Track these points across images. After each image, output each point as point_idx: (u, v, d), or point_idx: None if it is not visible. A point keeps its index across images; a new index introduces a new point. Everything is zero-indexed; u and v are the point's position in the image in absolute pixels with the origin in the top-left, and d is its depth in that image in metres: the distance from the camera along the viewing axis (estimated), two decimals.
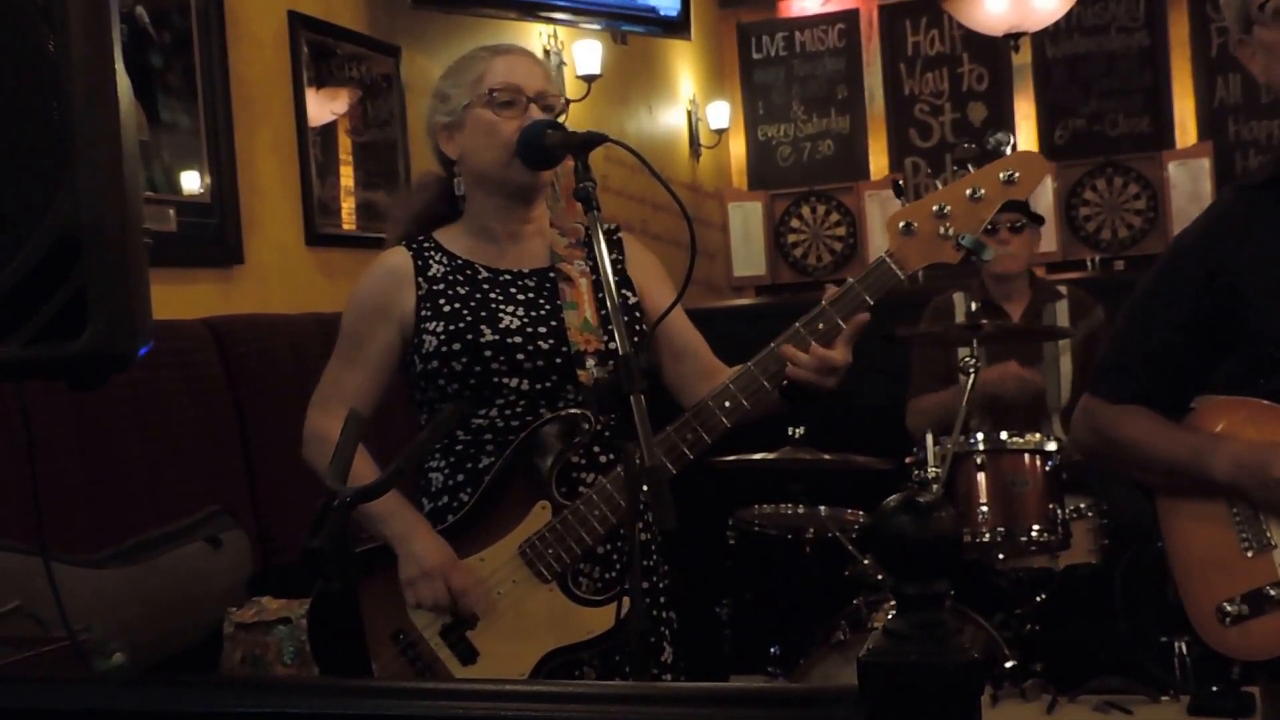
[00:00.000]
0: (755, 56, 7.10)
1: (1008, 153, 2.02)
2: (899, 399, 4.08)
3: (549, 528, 2.00)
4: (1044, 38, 6.46)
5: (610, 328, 1.99)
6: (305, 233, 3.83)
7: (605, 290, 1.76)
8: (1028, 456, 3.50)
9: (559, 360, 2.08)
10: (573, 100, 4.84)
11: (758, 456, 3.59)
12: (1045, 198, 6.35)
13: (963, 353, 3.58)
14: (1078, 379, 3.90)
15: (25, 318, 1.01)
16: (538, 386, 2.07)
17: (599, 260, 1.77)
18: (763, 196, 7.00)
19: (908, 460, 3.58)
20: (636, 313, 2.16)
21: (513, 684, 1.10)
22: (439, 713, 0.98)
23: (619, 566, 2.09)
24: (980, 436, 3.52)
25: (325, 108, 3.96)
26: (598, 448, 2.10)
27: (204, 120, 3.43)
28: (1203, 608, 1.93)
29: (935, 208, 1.94)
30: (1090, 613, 3.74)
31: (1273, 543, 1.89)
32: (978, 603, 3.51)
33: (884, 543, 0.93)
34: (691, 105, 6.53)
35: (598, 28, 5.24)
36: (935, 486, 3.31)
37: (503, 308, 2.10)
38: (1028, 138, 6.58)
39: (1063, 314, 3.98)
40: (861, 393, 3.74)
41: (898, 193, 2.11)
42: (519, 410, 2.08)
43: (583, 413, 2.03)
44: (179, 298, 3.24)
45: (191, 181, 3.40)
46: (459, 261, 2.15)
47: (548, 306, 2.11)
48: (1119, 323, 2.09)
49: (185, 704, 1.05)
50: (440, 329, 2.08)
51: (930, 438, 3.41)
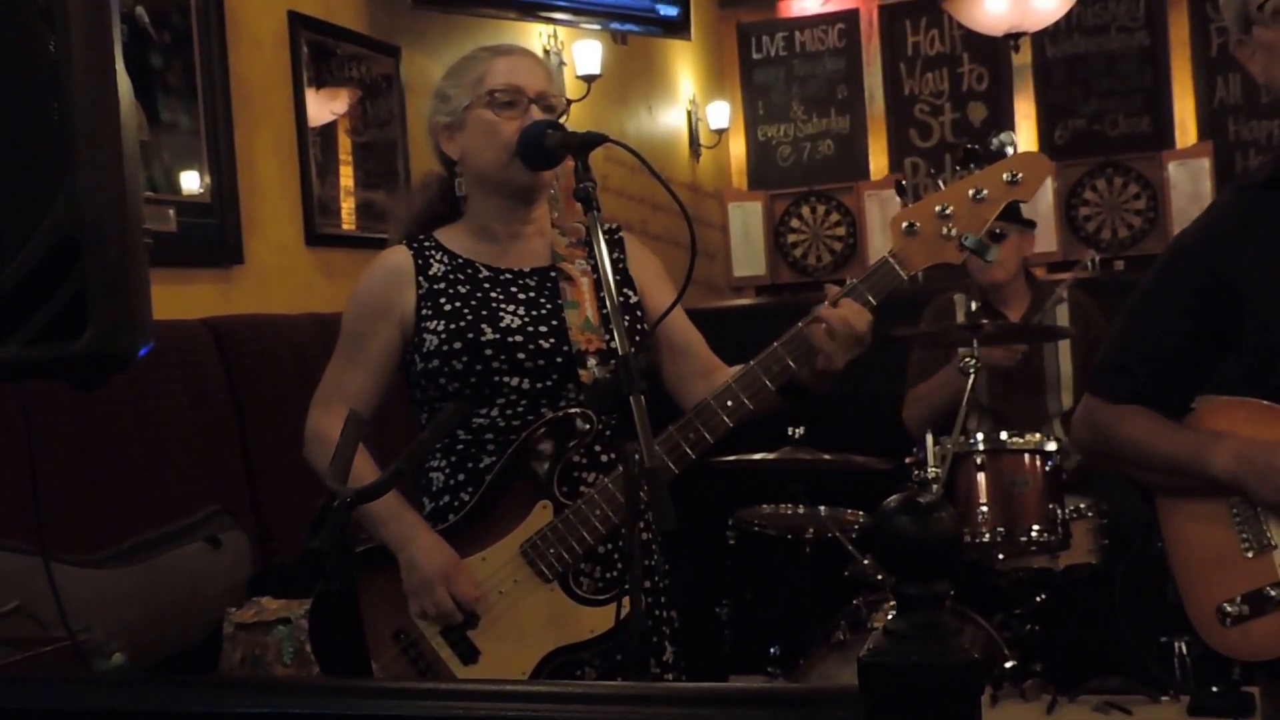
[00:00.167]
0: (755, 56, 7.10)
1: (1011, 153, 2.01)
2: (899, 399, 4.08)
3: (550, 527, 2.00)
4: (1044, 38, 6.45)
5: (611, 327, 1.99)
6: (305, 233, 3.83)
7: (605, 291, 1.76)
8: (1028, 456, 3.51)
9: (560, 359, 2.07)
10: (572, 100, 4.85)
11: (758, 456, 3.59)
12: (1045, 198, 6.34)
13: (963, 353, 3.58)
14: (1078, 379, 3.90)
15: (26, 318, 1.01)
16: (539, 386, 2.07)
17: (599, 260, 1.77)
18: (763, 196, 7.00)
19: (908, 460, 3.58)
20: (637, 312, 2.16)
21: (514, 684, 1.10)
22: (440, 713, 0.98)
23: (620, 566, 2.09)
24: (980, 436, 3.52)
25: (325, 108, 3.96)
26: (599, 447, 2.10)
27: (204, 120, 3.43)
28: (1203, 608, 1.93)
29: (938, 208, 1.94)
30: (1090, 613, 3.74)
31: (1273, 543, 1.89)
32: (978, 603, 3.51)
33: (884, 543, 0.93)
34: (691, 105, 6.53)
35: (597, 28, 5.24)
36: (935, 486, 3.32)
37: (504, 307, 2.10)
38: (1028, 138, 6.57)
39: (1062, 315, 3.98)
40: (861, 393, 3.75)
41: (900, 193, 2.10)
42: (520, 410, 2.07)
43: (584, 412, 2.03)
44: (179, 298, 3.24)
45: (191, 181, 3.40)
46: (460, 260, 2.15)
47: (549, 306, 2.11)
48: (1119, 323, 2.09)
49: (185, 704, 1.05)
50: (441, 328, 2.08)
51: (930, 438, 3.41)
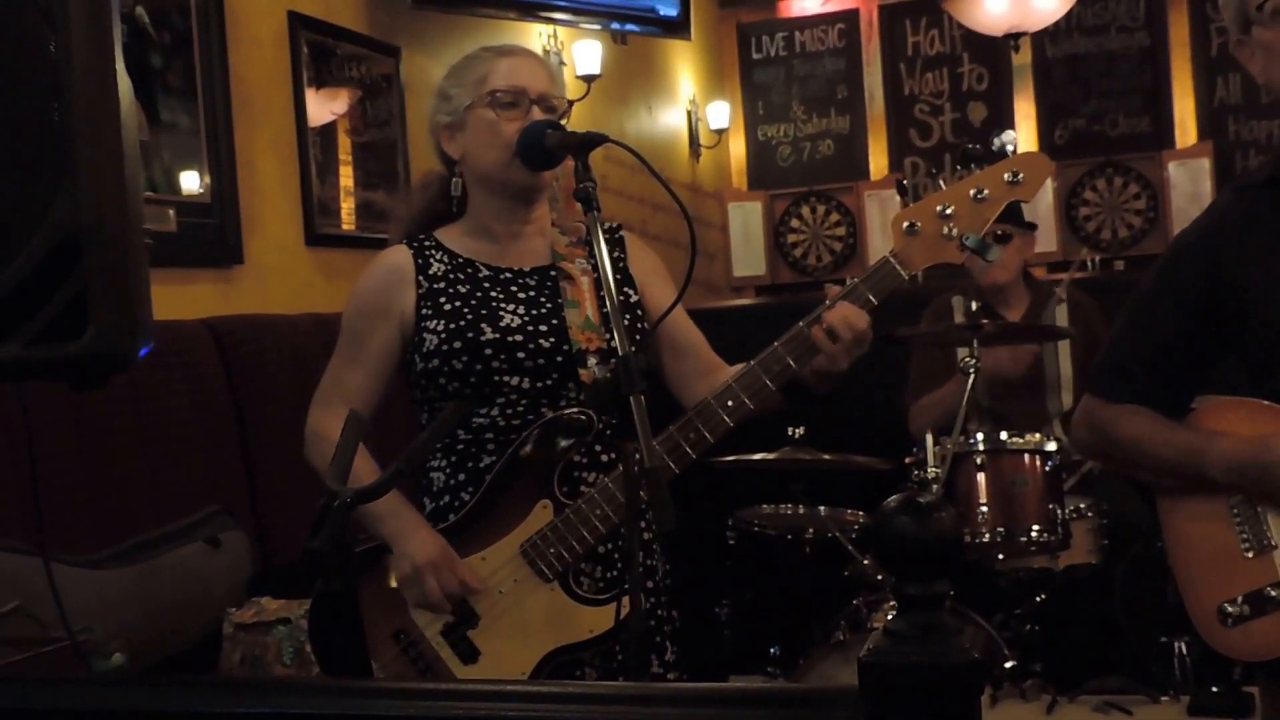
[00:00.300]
0: (755, 56, 7.10)
1: (1013, 153, 2.01)
2: (899, 399, 4.08)
3: (550, 527, 2.00)
4: (1044, 38, 6.46)
5: (612, 326, 1.99)
6: (305, 233, 3.83)
7: (605, 291, 1.76)
8: (1028, 456, 3.50)
9: (560, 359, 2.07)
10: (572, 100, 4.84)
11: (758, 456, 3.59)
12: (1045, 198, 6.34)
13: (962, 353, 3.58)
14: (1078, 380, 3.90)
15: (26, 318, 1.01)
16: (539, 385, 2.07)
17: (599, 260, 1.77)
18: (762, 196, 7.00)
19: (908, 460, 3.57)
20: (638, 310, 2.16)
21: (514, 684, 1.10)
22: (440, 713, 0.98)
23: (620, 566, 2.09)
24: (980, 436, 3.51)
25: (325, 108, 3.96)
26: (599, 447, 2.10)
27: (204, 120, 3.43)
28: (1204, 608, 1.93)
29: (939, 208, 1.94)
30: (1090, 613, 3.74)
31: (1273, 543, 1.89)
32: (978, 603, 3.51)
33: (884, 543, 0.93)
34: (691, 105, 6.53)
35: (597, 28, 5.24)
36: (935, 486, 3.31)
37: (504, 306, 2.10)
38: (1028, 138, 6.57)
39: (1061, 316, 3.97)
40: (861, 393, 3.75)
41: (901, 193, 2.10)
42: (520, 409, 2.07)
43: (584, 411, 2.03)
44: (179, 298, 3.24)
45: (191, 181, 3.40)
46: (460, 260, 2.15)
47: (549, 305, 2.11)
48: (1119, 323, 2.09)
49: (185, 704, 1.05)
50: (441, 327, 2.08)
51: (930, 438, 3.41)
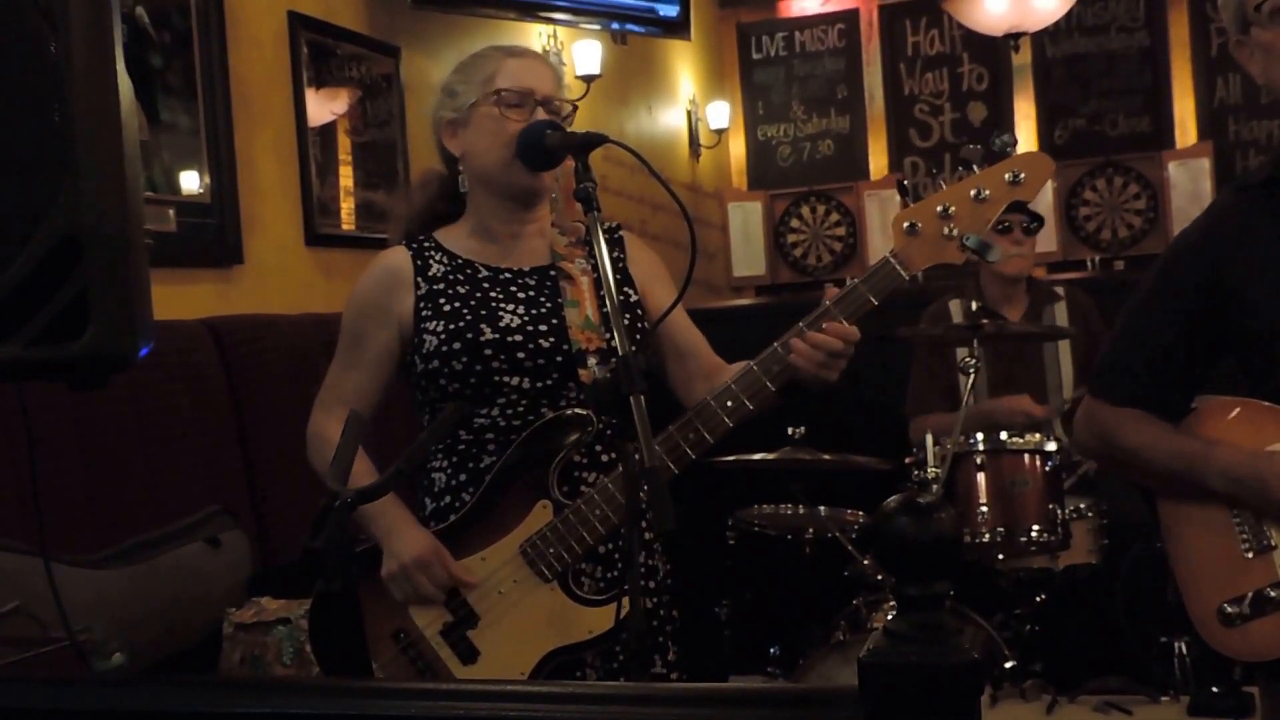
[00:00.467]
0: (755, 56, 7.10)
1: (1013, 153, 2.01)
2: (899, 399, 4.08)
3: (550, 527, 2.00)
4: (1044, 38, 6.46)
5: (612, 325, 1.99)
6: (305, 233, 3.83)
7: (605, 292, 1.75)
8: (1028, 456, 3.50)
9: (560, 359, 2.07)
10: (576, 105, 4.83)
11: (758, 456, 3.59)
12: (1045, 198, 6.34)
13: (962, 353, 3.58)
14: (1078, 379, 3.90)
15: (26, 319, 1.01)
16: (539, 385, 2.07)
17: (599, 261, 1.77)
18: (762, 196, 7.00)
19: (907, 460, 3.58)
20: (638, 310, 2.16)
21: (514, 684, 1.10)
22: (440, 713, 0.98)
23: (620, 566, 2.09)
24: (980, 436, 3.52)
25: (325, 108, 3.96)
26: (599, 447, 2.10)
27: (204, 120, 3.43)
28: (1204, 608, 1.93)
29: (939, 208, 1.93)
30: (1090, 613, 3.74)
31: (1273, 544, 1.89)
32: (978, 603, 3.51)
33: (884, 543, 0.93)
34: (691, 105, 6.53)
35: (597, 28, 5.24)
36: (935, 487, 3.31)
37: (503, 306, 2.10)
38: (1028, 138, 6.57)
39: (1061, 316, 3.97)
40: (861, 393, 3.75)
41: (902, 193, 2.09)
42: (520, 409, 2.07)
43: (584, 411, 2.03)
44: (179, 298, 3.24)
45: (191, 181, 3.40)
46: (459, 261, 2.15)
47: (548, 305, 2.11)
48: (1119, 324, 2.09)
49: (185, 704, 1.05)
50: (440, 328, 2.08)
51: (930, 438, 3.41)
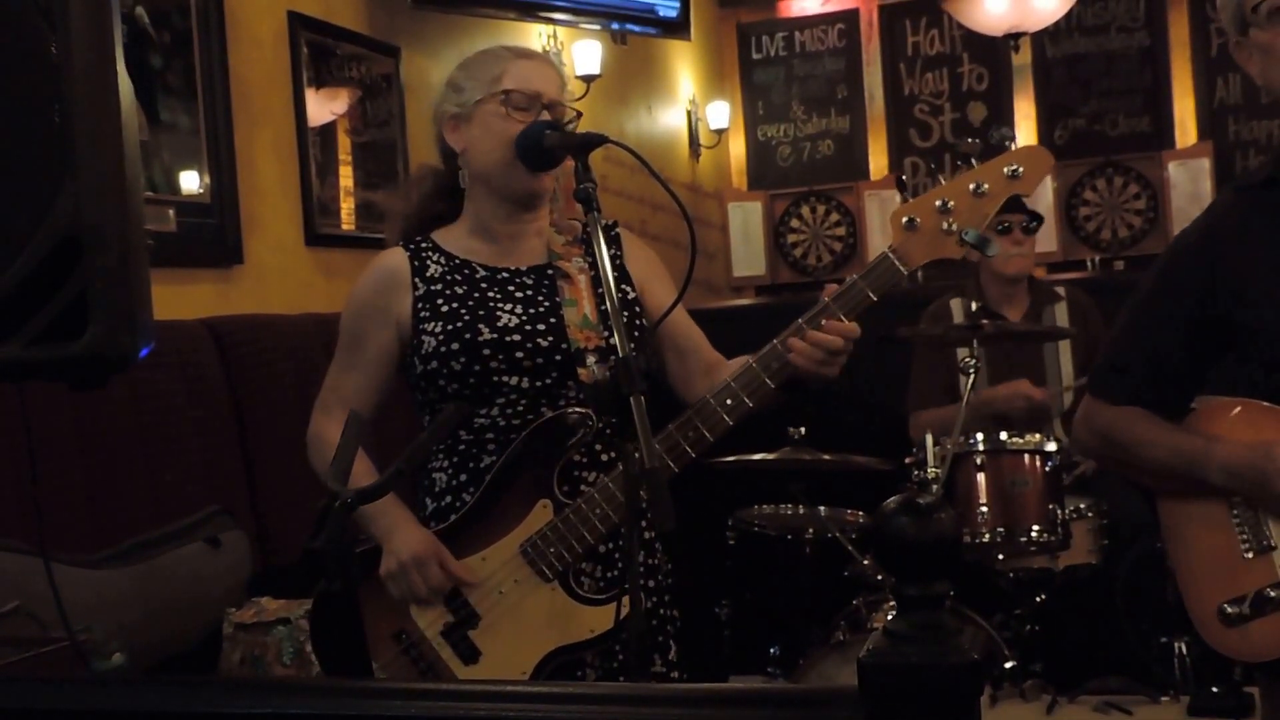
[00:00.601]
0: (755, 56, 7.10)
1: (1011, 148, 2.00)
2: (899, 399, 4.07)
3: (550, 526, 2.00)
4: (1044, 38, 6.46)
5: (610, 323, 1.99)
6: (305, 233, 3.83)
7: (606, 292, 1.75)
8: (1028, 457, 3.50)
9: (559, 358, 2.07)
10: (572, 100, 4.84)
11: (758, 456, 3.59)
12: (1045, 198, 6.35)
13: (962, 353, 3.58)
14: (1078, 380, 3.90)
15: (27, 319, 1.01)
16: (538, 384, 2.07)
17: (600, 262, 1.77)
18: (762, 196, 7.00)
19: (907, 460, 3.57)
20: (636, 308, 2.16)
21: (514, 684, 1.10)
22: (440, 713, 0.98)
23: (621, 565, 2.09)
24: (980, 437, 3.51)
25: (325, 108, 3.97)
26: (599, 446, 2.10)
27: (204, 120, 3.43)
28: (1204, 609, 1.93)
29: (938, 203, 1.93)
30: (1090, 613, 3.74)
31: (1273, 544, 1.89)
32: (978, 603, 3.51)
33: (884, 544, 0.93)
34: (691, 105, 6.53)
35: (597, 28, 5.24)
36: (935, 487, 3.31)
37: (501, 306, 2.10)
38: (1027, 138, 6.57)
39: (1061, 316, 3.97)
40: (861, 393, 3.75)
41: (901, 188, 2.09)
42: (520, 409, 2.07)
43: (584, 411, 2.03)
44: (179, 298, 3.24)
45: (191, 181, 3.40)
46: (456, 261, 2.15)
47: (546, 304, 2.11)
48: (1119, 324, 2.09)
49: (185, 704, 1.05)
50: (438, 329, 2.08)
51: (930, 438, 3.41)
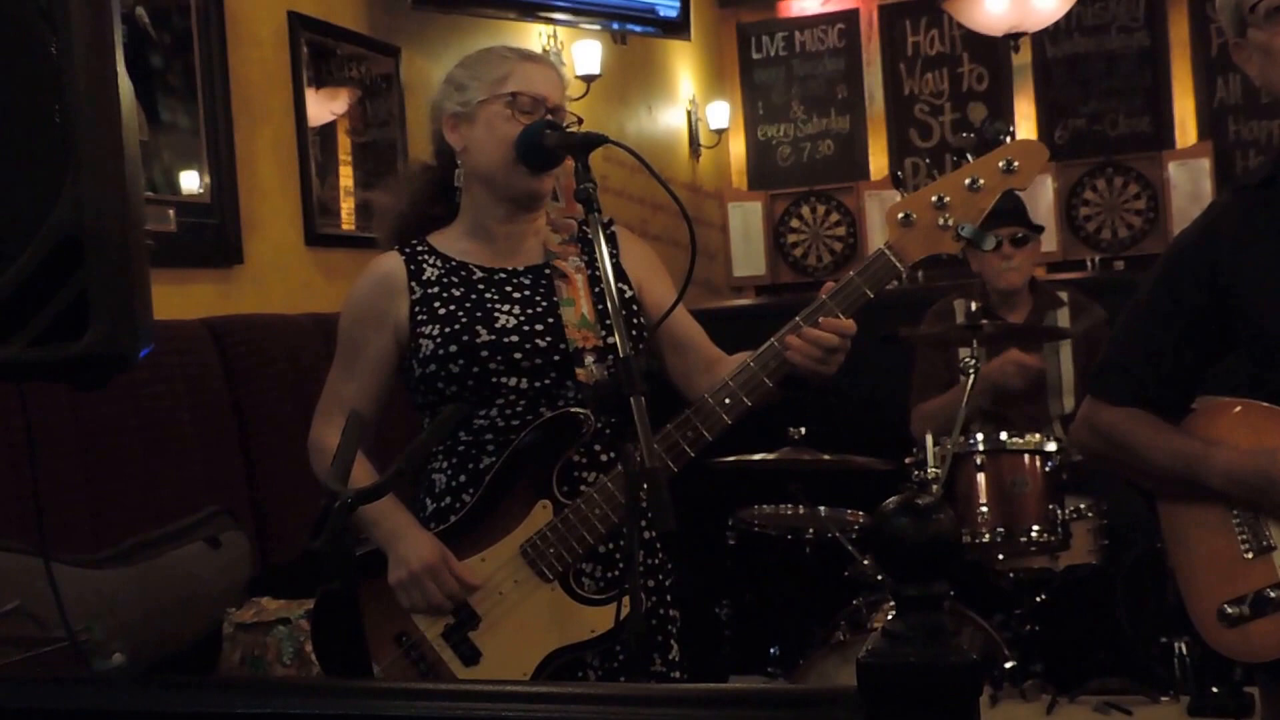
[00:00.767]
0: (755, 56, 7.10)
1: (1006, 141, 2.00)
2: (899, 399, 4.07)
3: (550, 527, 2.00)
4: (1044, 38, 6.46)
5: (608, 322, 1.98)
6: (305, 233, 3.83)
7: (606, 293, 1.75)
8: (1028, 457, 3.50)
9: (557, 358, 2.07)
10: (572, 100, 4.84)
11: (758, 457, 3.59)
12: (1045, 198, 6.35)
13: (963, 353, 3.58)
14: (1079, 382, 3.89)
15: (27, 319, 1.01)
16: (536, 385, 2.07)
17: (600, 262, 1.76)
18: (762, 196, 7.00)
19: (907, 461, 3.58)
20: (634, 306, 2.16)
21: (514, 685, 1.11)
22: (440, 713, 0.98)
23: (621, 565, 2.09)
24: (980, 437, 3.52)
25: (325, 108, 3.96)
26: (599, 446, 2.10)
27: (204, 120, 3.43)
28: (1204, 609, 1.93)
29: (934, 198, 1.92)
30: (1090, 613, 3.74)
31: (1273, 545, 1.89)
32: (978, 603, 3.52)
33: (883, 544, 0.93)
34: (691, 105, 6.53)
35: (597, 28, 5.24)
36: (935, 487, 3.31)
37: (499, 307, 2.10)
38: (1027, 138, 6.57)
39: (1064, 320, 3.97)
40: (861, 393, 3.75)
41: (897, 184, 2.08)
42: (519, 409, 2.07)
43: (583, 411, 2.03)
44: (179, 298, 3.24)
45: (191, 181, 3.40)
46: (453, 263, 2.15)
47: (544, 304, 2.11)
48: (1119, 324, 2.09)
49: (185, 704, 1.05)
50: (436, 332, 2.08)
51: (930, 438, 3.41)
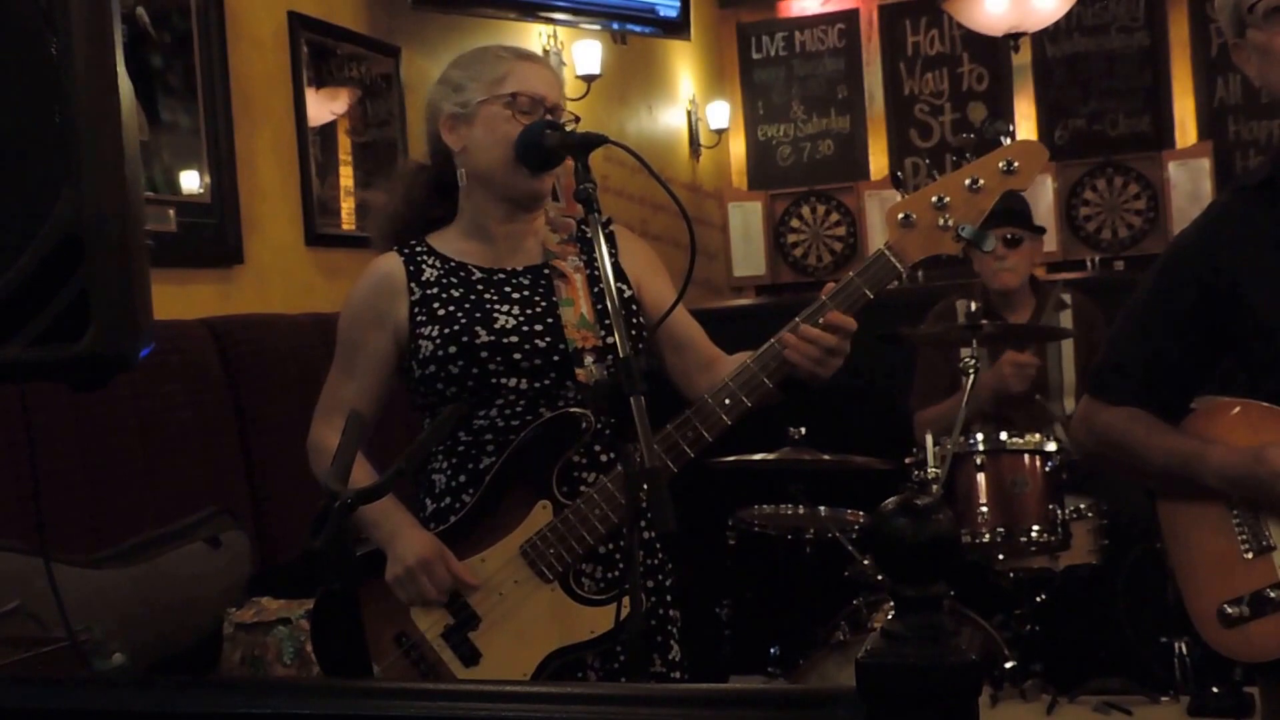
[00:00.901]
0: (755, 56, 7.10)
1: (1007, 142, 2.00)
2: (899, 399, 4.08)
3: (550, 527, 2.00)
4: (1044, 38, 6.46)
5: (607, 322, 1.98)
6: (305, 233, 3.83)
7: (606, 293, 1.75)
8: (1028, 457, 3.50)
9: (556, 358, 2.07)
10: (572, 100, 4.84)
11: (758, 457, 3.59)
12: (1045, 198, 6.35)
13: (964, 353, 3.58)
14: (1080, 384, 3.89)
15: (28, 319, 1.01)
16: (536, 385, 2.07)
17: (600, 263, 1.76)
18: (762, 196, 7.00)
19: (907, 461, 3.58)
20: (633, 305, 2.16)
21: (513, 685, 1.11)
22: (440, 713, 0.98)
23: (621, 566, 2.09)
24: (980, 437, 3.52)
25: (325, 108, 3.97)
26: (598, 446, 2.10)
27: (204, 120, 3.43)
28: (1204, 609, 1.93)
29: (934, 199, 1.92)
30: (1090, 613, 3.74)
31: (1273, 544, 1.89)
32: (977, 603, 3.51)
33: (882, 545, 0.94)
34: (691, 105, 6.53)
35: (597, 28, 5.24)
36: (935, 487, 3.31)
37: (498, 307, 2.09)
38: (1027, 138, 6.57)
39: (1066, 320, 3.97)
40: (861, 393, 3.75)
41: (896, 184, 2.08)
42: (519, 410, 2.07)
43: (583, 411, 2.03)
44: (179, 298, 3.24)
45: (191, 181, 3.40)
46: (452, 264, 2.15)
47: (543, 304, 2.11)
48: (1118, 324, 2.09)
49: (185, 704, 1.05)
50: (435, 333, 2.08)
51: (930, 438, 3.41)
